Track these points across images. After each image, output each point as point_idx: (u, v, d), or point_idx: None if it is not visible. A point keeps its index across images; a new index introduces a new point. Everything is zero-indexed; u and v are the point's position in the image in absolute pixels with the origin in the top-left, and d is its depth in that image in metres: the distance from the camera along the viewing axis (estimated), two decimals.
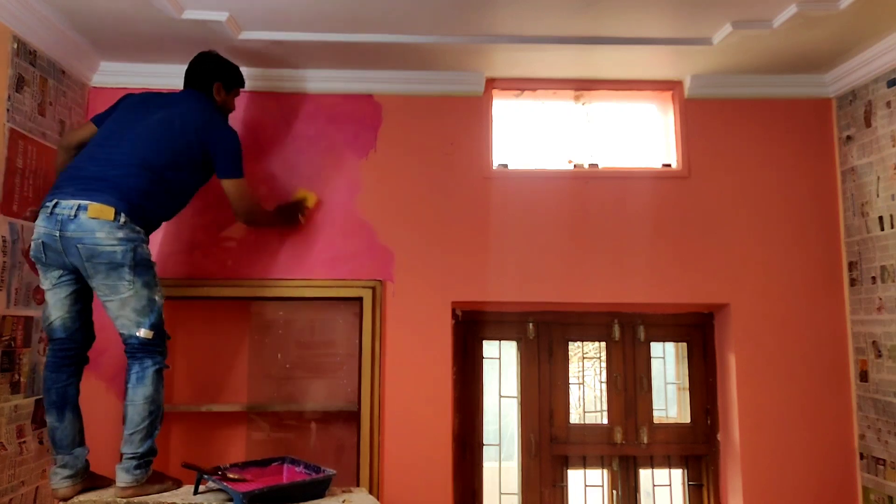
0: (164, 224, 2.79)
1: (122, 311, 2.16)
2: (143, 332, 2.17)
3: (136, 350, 2.19)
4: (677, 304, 3.05)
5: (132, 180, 2.22)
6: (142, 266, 2.18)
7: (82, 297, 2.26)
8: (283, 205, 2.83)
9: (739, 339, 2.93)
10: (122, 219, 2.14)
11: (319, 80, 2.98)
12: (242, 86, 2.71)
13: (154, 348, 2.21)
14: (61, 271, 2.19)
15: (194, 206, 2.89)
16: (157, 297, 2.22)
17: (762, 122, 3.03)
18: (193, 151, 2.37)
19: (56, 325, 2.23)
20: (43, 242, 2.14)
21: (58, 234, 2.11)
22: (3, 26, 2.31)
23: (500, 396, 3.17)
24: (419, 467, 2.79)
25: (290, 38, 2.63)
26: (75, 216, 2.10)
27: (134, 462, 2.17)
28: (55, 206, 2.14)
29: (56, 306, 2.22)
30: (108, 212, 2.12)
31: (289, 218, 2.82)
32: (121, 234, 2.13)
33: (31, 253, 2.21)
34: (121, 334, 2.20)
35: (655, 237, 2.96)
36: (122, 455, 2.20)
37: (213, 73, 2.55)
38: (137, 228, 2.19)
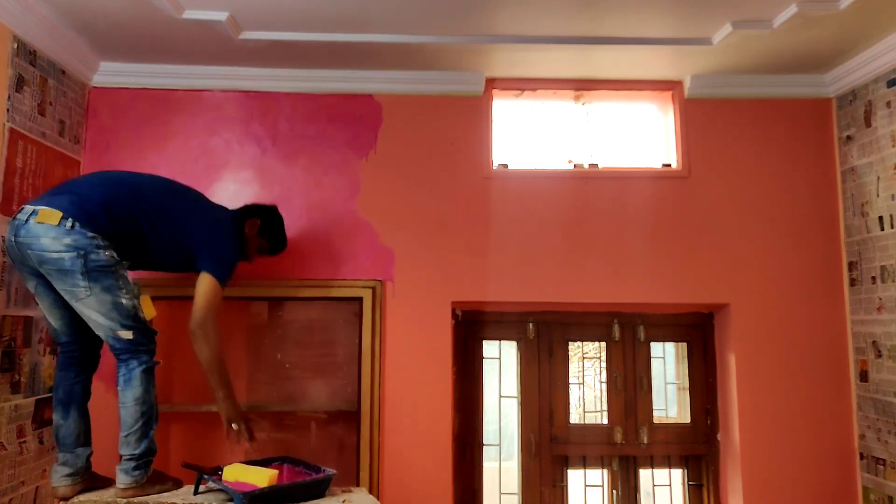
0: None
1: (89, 314, 2.10)
2: (122, 334, 2.11)
3: (120, 352, 2.16)
4: (677, 304, 3.05)
5: (98, 190, 2.17)
6: (97, 272, 2.07)
7: (67, 303, 2.18)
8: (234, 414, 2.39)
9: (739, 339, 2.93)
10: (69, 223, 2.04)
11: (319, 80, 2.98)
12: (277, 251, 2.64)
13: (138, 347, 2.16)
14: (35, 279, 2.16)
15: None
16: (123, 300, 2.11)
17: (762, 122, 3.03)
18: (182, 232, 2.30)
19: (56, 330, 2.25)
20: (5, 248, 2.15)
21: (14, 240, 2.08)
22: (3, 26, 2.31)
23: (500, 396, 3.17)
24: (419, 467, 2.79)
25: (290, 38, 2.63)
26: (26, 221, 2.06)
27: (132, 463, 2.17)
28: (19, 211, 2.12)
29: (47, 312, 2.22)
30: (55, 216, 2.03)
31: (230, 414, 2.38)
32: (67, 241, 2.03)
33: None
34: (103, 338, 2.17)
35: (655, 237, 2.96)
36: (120, 456, 2.20)
37: (259, 212, 2.55)
38: (90, 234, 2.07)
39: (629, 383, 3.15)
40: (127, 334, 2.12)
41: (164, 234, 2.27)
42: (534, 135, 3.18)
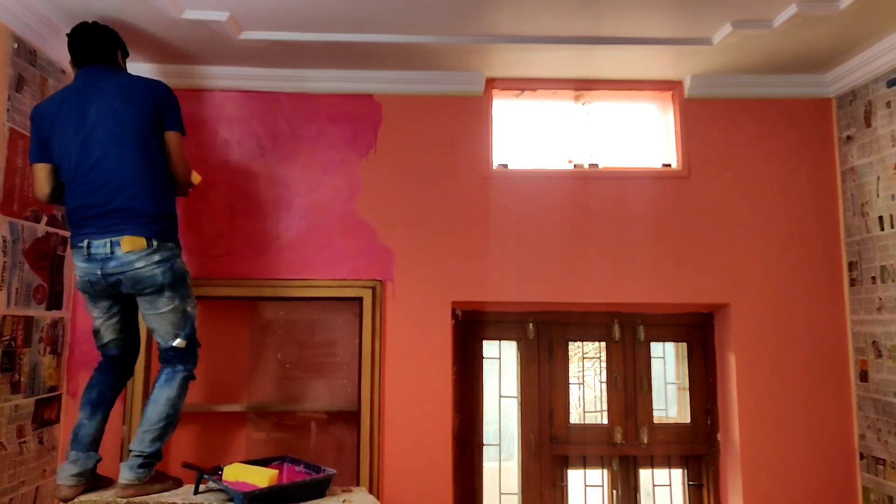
0: None
1: (160, 324, 2.25)
2: (178, 342, 2.26)
3: (169, 357, 2.29)
4: (677, 304, 3.05)
5: (140, 198, 2.19)
6: (179, 280, 2.25)
7: (130, 319, 2.36)
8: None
9: (739, 339, 2.93)
10: (155, 244, 2.19)
11: (319, 80, 2.98)
12: (129, 54, 2.54)
13: (187, 356, 2.30)
14: (109, 302, 2.27)
15: (195, 207, 2.89)
16: (190, 309, 2.30)
17: (762, 122, 3.03)
18: (150, 121, 2.26)
19: (110, 346, 2.33)
20: (89, 281, 2.21)
21: (100, 273, 2.18)
22: (3, 26, 2.31)
23: (500, 396, 3.17)
24: (419, 467, 2.79)
25: (290, 38, 2.63)
26: (112, 253, 2.16)
27: (139, 461, 2.19)
28: (88, 246, 2.17)
29: (107, 332, 2.31)
30: (140, 242, 2.16)
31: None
32: (157, 258, 2.18)
33: (79, 287, 2.27)
34: (157, 343, 2.30)
35: (655, 237, 2.96)
36: (129, 452, 2.22)
37: (112, 42, 2.38)
38: (169, 245, 2.24)
39: (629, 383, 3.15)
40: (182, 344, 2.26)
41: (161, 152, 2.31)
42: (534, 135, 3.18)
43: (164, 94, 2.32)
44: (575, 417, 3.16)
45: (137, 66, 2.89)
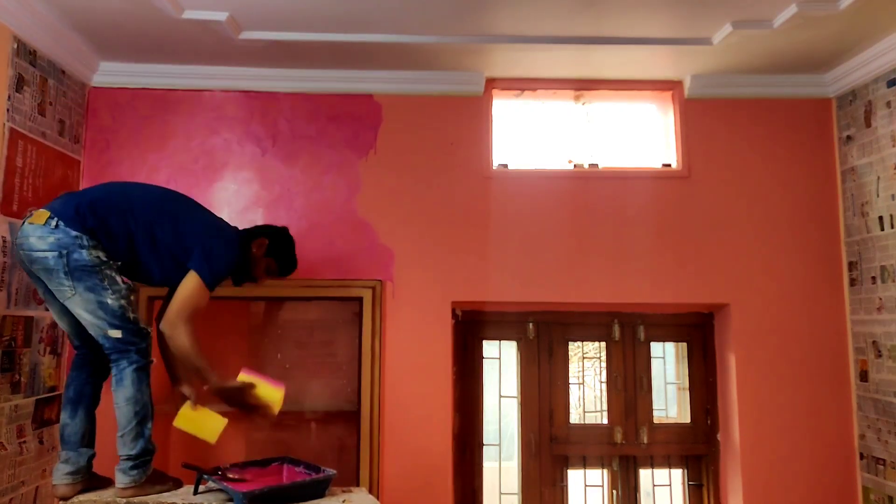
0: None
1: (79, 313, 2.11)
2: (110, 332, 2.10)
3: (111, 352, 2.15)
4: (677, 304, 3.05)
5: (88, 192, 2.17)
6: (80, 271, 2.06)
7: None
8: (227, 388, 2.29)
9: (739, 339, 2.93)
10: (54, 223, 2.05)
11: (319, 80, 2.97)
12: (285, 274, 2.49)
13: (127, 347, 2.14)
14: (42, 286, 2.17)
15: None
16: (108, 300, 2.09)
17: (762, 122, 3.03)
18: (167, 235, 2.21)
19: (68, 334, 2.28)
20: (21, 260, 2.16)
21: (18, 243, 2.12)
22: (3, 26, 2.31)
23: (500, 396, 3.17)
24: (419, 467, 2.79)
25: (290, 38, 2.63)
26: (23, 223, 2.10)
27: (129, 463, 2.17)
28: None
29: (57, 317, 2.24)
30: (42, 216, 2.05)
31: (232, 400, 2.30)
32: (51, 239, 2.04)
33: None
34: (95, 338, 2.16)
35: (655, 237, 2.96)
36: (119, 457, 2.20)
37: (267, 232, 2.45)
38: (74, 233, 2.06)
39: (629, 383, 3.15)
40: (115, 333, 2.10)
41: (159, 234, 2.21)
42: (534, 135, 3.18)
43: (207, 243, 2.23)
44: (575, 417, 3.16)
45: (138, 67, 2.90)
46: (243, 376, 2.30)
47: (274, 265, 2.47)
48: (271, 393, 2.29)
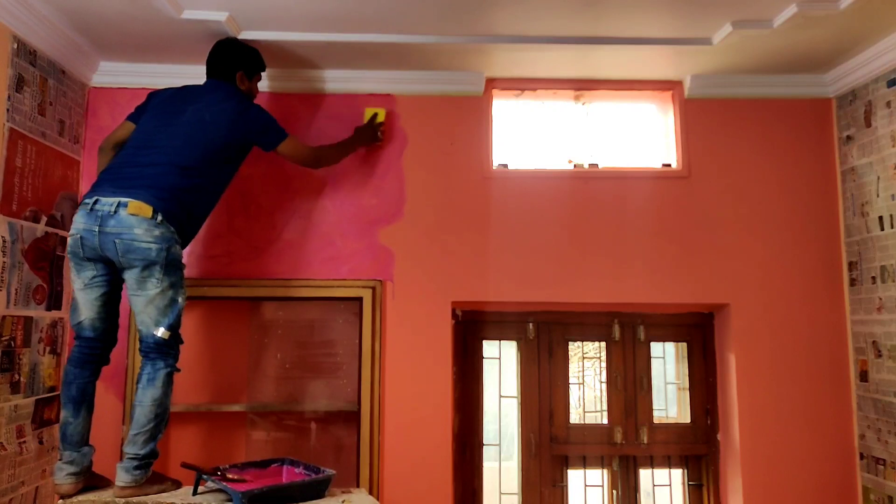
0: None
1: (146, 308, 2.20)
2: (160, 332, 2.21)
3: (150, 350, 2.23)
4: (677, 304, 3.05)
5: (169, 178, 2.25)
6: (172, 266, 2.23)
7: (112, 299, 2.30)
8: (359, 127, 2.85)
9: (739, 339, 2.93)
10: (160, 217, 2.18)
11: (319, 81, 2.98)
12: (263, 69, 2.68)
13: (168, 350, 2.25)
14: (94, 271, 2.22)
15: None
16: (179, 299, 2.27)
17: (762, 122, 3.03)
18: (227, 145, 2.40)
19: (85, 325, 2.27)
20: (81, 237, 2.18)
21: (97, 230, 2.15)
22: (3, 26, 2.31)
23: (500, 396, 3.17)
24: (419, 467, 2.79)
25: (288, 39, 2.63)
26: (115, 212, 2.15)
27: (135, 462, 2.18)
28: (95, 202, 2.18)
29: (86, 306, 2.25)
30: (147, 209, 2.17)
31: (368, 138, 2.85)
32: (157, 233, 2.17)
33: (69, 248, 2.23)
34: (139, 331, 2.25)
35: (655, 237, 2.96)
36: (123, 454, 2.21)
37: (234, 61, 2.54)
38: (172, 229, 2.22)
39: (629, 383, 3.15)
40: (165, 334, 2.21)
41: (218, 178, 2.43)
42: (534, 135, 3.18)
43: (255, 122, 2.47)
44: (575, 417, 3.16)
45: (138, 66, 2.90)
46: (369, 110, 2.89)
47: (255, 78, 2.65)
48: (380, 112, 2.89)
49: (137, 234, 2.15)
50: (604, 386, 3.18)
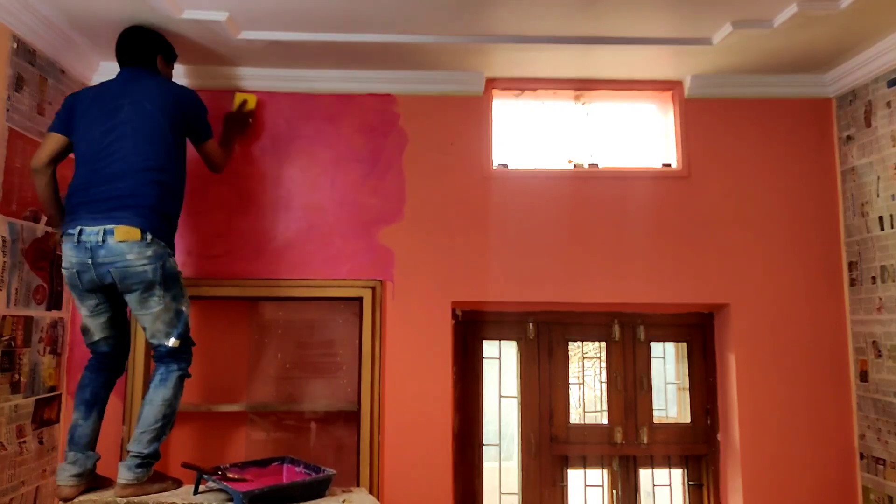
0: None
1: (153, 324, 2.24)
2: (171, 342, 2.24)
3: (163, 356, 2.27)
4: (677, 304, 3.05)
5: (145, 189, 2.21)
6: (170, 279, 2.24)
7: (120, 318, 2.35)
8: (228, 114, 2.83)
9: (739, 339, 2.93)
10: (149, 237, 2.17)
11: (319, 80, 2.97)
12: (176, 58, 2.62)
13: (181, 355, 2.29)
14: (97, 300, 2.24)
15: (194, 207, 2.89)
16: (184, 308, 2.29)
17: (762, 122, 3.03)
18: (174, 126, 2.34)
19: (100, 344, 2.32)
20: (77, 272, 2.18)
21: (90, 262, 2.15)
22: (3, 26, 2.31)
23: (500, 396, 3.17)
24: (419, 467, 2.79)
25: (289, 38, 2.63)
26: (103, 242, 2.14)
27: (137, 461, 2.19)
28: (80, 233, 2.16)
29: (97, 329, 2.29)
30: (135, 233, 2.15)
31: (238, 126, 2.84)
32: (149, 252, 2.17)
33: (67, 281, 2.24)
34: (150, 343, 2.29)
35: (655, 237, 2.96)
36: (127, 452, 2.22)
37: (152, 45, 2.47)
38: (163, 244, 2.22)
39: (629, 383, 3.15)
40: (176, 343, 2.25)
41: (180, 162, 2.40)
42: (534, 135, 3.18)
43: (193, 104, 2.44)
44: (575, 417, 3.16)
45: None
46: (239, 95, 2.87)
47: (171, 65, 2.60)
48: (250, 98, 2.88)
49: (130, 259, 2.14)
50: (604, 386, 3.18)
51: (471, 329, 3.15)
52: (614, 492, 3.11)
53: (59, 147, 2.33)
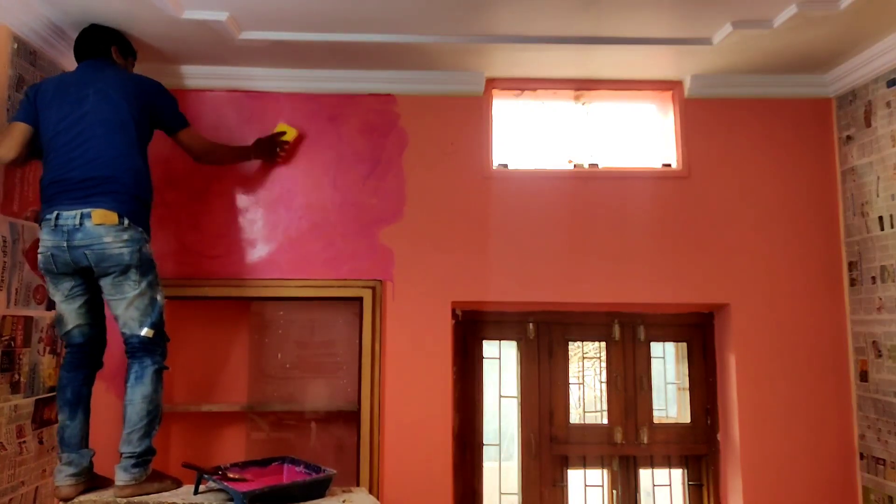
0: (163, 224, 2.79)
1: (126, 310, 2.21)
2: (144, 332, 2.21)
3: (136, 349, 2.23)
4: (677, 304, 3.05)
5: (122, 176, 2.22)
6: (147, 265, 2.23)
7: (95, 305, 2.31)
8: (261, 139, 2.83)
9: (739, 339, 2.93)
10: (126, 222, 2.18)
11: (319, 80, 2.97)
12: (135, 55, 2.60)
13: (154, 348, 2.25)
14: (72, 283, 2.23)
15: (194, 207, 2.89)
16: (158, 297, 2.27)
17: (762, 122, 3.03)
18: (142, 116, 2.34)
19: (74, 334, 2.28)
20: (52, 254, 2.18)
21: (65, 245, 2.15)
22: (4, 26, 2.31)
23: (500, 396, 3.17)
24: (419, 467, 2.79)
25: (289, 38, 2.63)
26: (80, 225, 2.14)
27: (132, 461, 2.18)
28: (57, 217, 2.16)
29: (71, 316, 2.27)
30: (112, 216, 2.16)
31: (266, 152, 2.85)
32: (126, 236, 2.17)
33: (41, 265, 2.23)
34: (122, 333, 2.24)
35: (655, 237, 2.96)
36: (120, 454, 2.20)
37: (106, 38, 2.46)
38: (139, 229, 2.23)
39: (629, 383, 3.15)
40: (149, 333, 2.22)
41: (144, 147, 2.39)
42: (534, 135, 3.18)
43: (156, 93, 2.43)
44: (575, 417, 3.16)
45: (137, 66, 2.88)
46: (282, 125, 2.88)
47: (129, 59, 2.58)
48: (291, 130, 2.87)
49: (108, 242, 2.14)
50: (604, 386, 3.18)
51: (471, 329, 3.15)
52: (614, 492, 3.11)
53: (23, 135, 2.29)
